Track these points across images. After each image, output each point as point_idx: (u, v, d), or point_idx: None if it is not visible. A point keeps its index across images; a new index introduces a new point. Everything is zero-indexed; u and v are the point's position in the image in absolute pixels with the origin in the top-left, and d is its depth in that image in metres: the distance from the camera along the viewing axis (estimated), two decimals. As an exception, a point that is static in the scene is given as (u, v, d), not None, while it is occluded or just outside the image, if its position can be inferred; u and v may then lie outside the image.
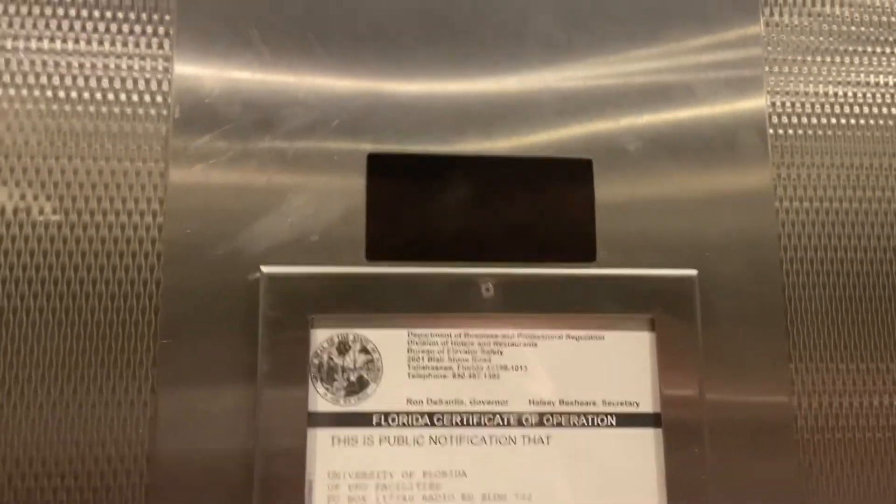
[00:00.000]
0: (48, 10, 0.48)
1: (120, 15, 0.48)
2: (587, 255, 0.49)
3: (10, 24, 0.47)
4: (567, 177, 0.50)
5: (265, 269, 0.45)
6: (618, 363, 0.48)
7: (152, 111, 0.47)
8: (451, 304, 0.47)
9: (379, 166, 0.48)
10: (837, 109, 0.53)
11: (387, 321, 0.46)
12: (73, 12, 0.48)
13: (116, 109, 0.47)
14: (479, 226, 0.48)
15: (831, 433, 0.49)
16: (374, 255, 0.47)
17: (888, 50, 0.54)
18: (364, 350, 0.46)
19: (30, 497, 0.43)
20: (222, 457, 0.44)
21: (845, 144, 0.53)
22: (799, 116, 0.53)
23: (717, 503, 0.47)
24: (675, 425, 0.47)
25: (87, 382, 0.44)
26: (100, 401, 0.44)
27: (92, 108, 0.47)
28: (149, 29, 0.48)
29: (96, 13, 0.48)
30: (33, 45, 0.47)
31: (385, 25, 0.50)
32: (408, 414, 0.45)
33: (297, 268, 0.46)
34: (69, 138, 0.46)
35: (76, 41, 0.47)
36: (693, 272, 0.49)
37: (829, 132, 0.53)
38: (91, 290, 0.45)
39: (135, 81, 0.47)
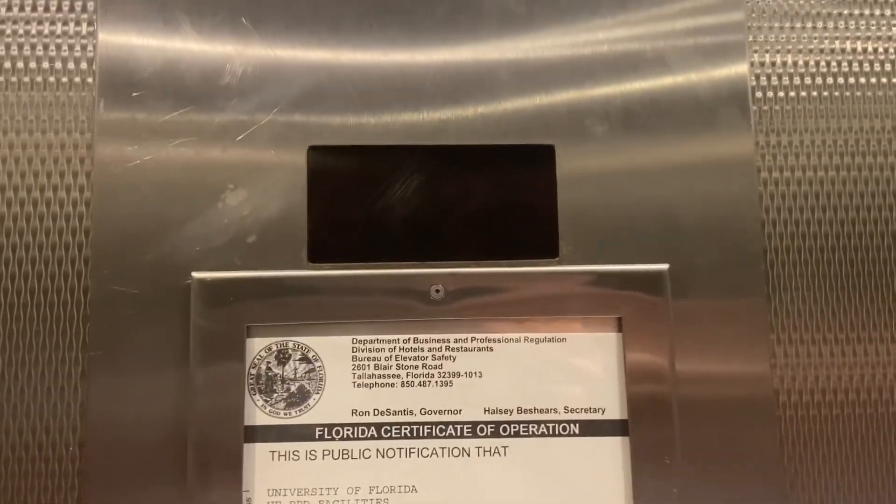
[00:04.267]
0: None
1: None
2: (548, 250, 0.45)
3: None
4: (526, 165, 0.46)
5: (196, 274, 0.42)
6: (581, 367, 0.44)
7: (76, 93, 0.44)
8: (399, 307, 0.43)
9: (321, 160, 0.45)
10: (827, 70, 0.48)
11: (329, 328, 0.43)
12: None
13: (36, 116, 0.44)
14: (429, 222, 0.45)
15: (814, 423, 0.46)
16: (316, 256, 0.44)
17: (876, 12, 0.49)
18: (305, 359, 0.43)
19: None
20: (156, 472, 0.41)
21: (833, 107, 0.48)
22: (788, 78, 0.48)
23: (692, 513, 0.43)
24: (644, 433, 0.43)
25: (13, 400, 0.42)
26: (27, 426, 0.42)
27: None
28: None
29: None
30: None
31: (325, 3, 0.46)
32: (353, 426, 0.43)
33: (232, 273, 0.43)
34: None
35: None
36: (664, 266, 0.45)
37: (817, 95, 0.48)
38: (16, 301, 0.43)
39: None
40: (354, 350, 0.43)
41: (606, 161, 0.46)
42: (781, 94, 0.48)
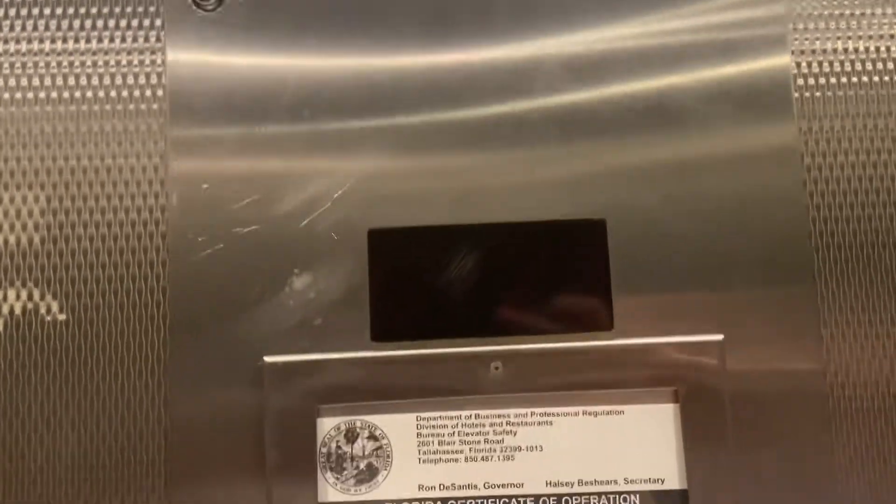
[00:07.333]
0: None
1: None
2: (603, 323, 0.46)
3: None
4: (579, 240, 0.47)
5: (268, 358, 0.45)
6: (640, 438, 0.45)
7: (149, 188, 0.47)
8: (460, 384, 0.45)
9: (380, 242, 0.47)
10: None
11: (394, 406, 0.45)
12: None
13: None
14: (486, 298, 0.46)
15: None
16: (379, 335, 0.46)
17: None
18: (372, 437, 0.45)
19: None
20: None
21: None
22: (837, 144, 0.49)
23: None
24: (705, 503, 0.44)
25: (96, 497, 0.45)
26: None
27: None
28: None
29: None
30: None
31: (386, 102, 0.48)
32: (420, 501, 0.44)
33: (301, 356, 0.45)
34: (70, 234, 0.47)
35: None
36: (718, 337, 0.46)
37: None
38: (102, 387, 0.45)
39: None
40: (419, 427, 0.45)
41: (658, 229, 0.47)
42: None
